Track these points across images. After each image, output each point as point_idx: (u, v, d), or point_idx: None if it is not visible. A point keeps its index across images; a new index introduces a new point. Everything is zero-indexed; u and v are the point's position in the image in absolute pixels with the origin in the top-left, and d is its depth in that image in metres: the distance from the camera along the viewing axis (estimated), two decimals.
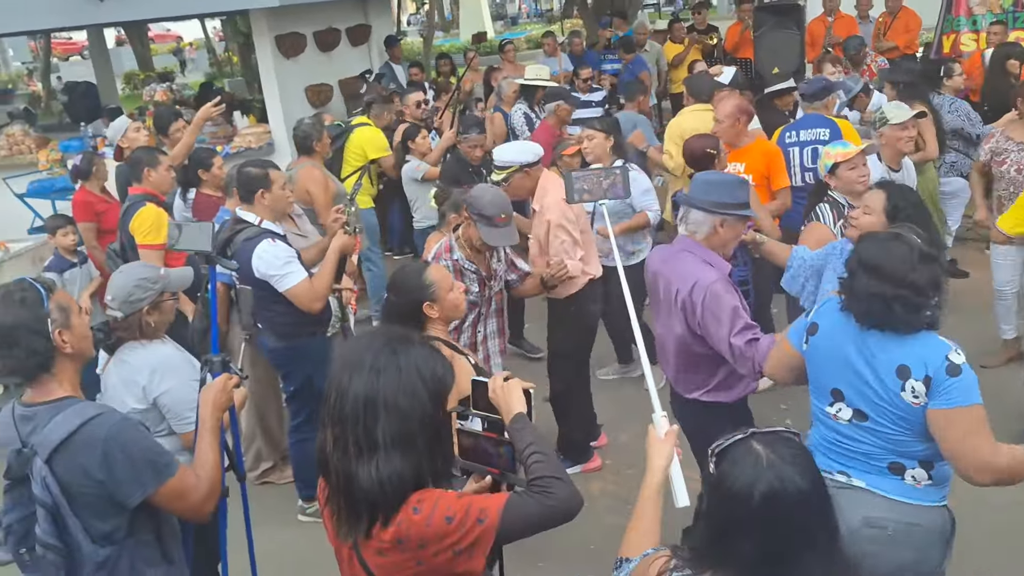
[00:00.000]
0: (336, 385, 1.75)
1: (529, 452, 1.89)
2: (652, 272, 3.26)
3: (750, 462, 1.58)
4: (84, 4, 7.43)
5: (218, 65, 24.74)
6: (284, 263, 3.74)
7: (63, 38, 31.08)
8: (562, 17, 27.90)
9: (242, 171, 3.97)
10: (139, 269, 3.10)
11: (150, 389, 2.88)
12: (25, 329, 2.12)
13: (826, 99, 5.35)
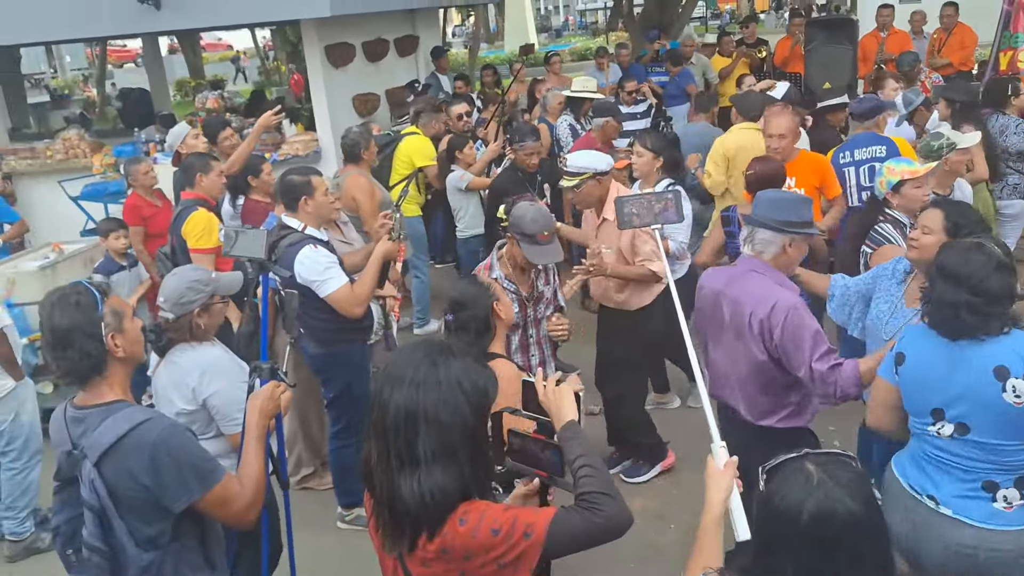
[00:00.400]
0: (378, 398, 1.75)
1: (579, 464, 1.85)
2: (711, 293, 3.14)
3: (800, 481, 1.56)
4: (141, 12, 7.59)
5: (267, 73, 25.24)
6: (325, 268, 3.76)
7: (118, 46, 31.97)
8: (607, 30, 27.93)
9: (285, 179, 4.00)
10: (191, 272, 3.13)
11: (200, 390, 2.91)
12: (79, 332, 2.16)
13: (877, 118, 5.23)
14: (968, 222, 3.01)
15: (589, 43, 28.39)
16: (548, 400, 2.01)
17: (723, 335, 3.09)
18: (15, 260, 5.85)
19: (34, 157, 8.82)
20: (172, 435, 2.17)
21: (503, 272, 3.63)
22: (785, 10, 34.18)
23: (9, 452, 4.20)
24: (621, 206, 3.33)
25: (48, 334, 2.18)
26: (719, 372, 3.16)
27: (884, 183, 3.74)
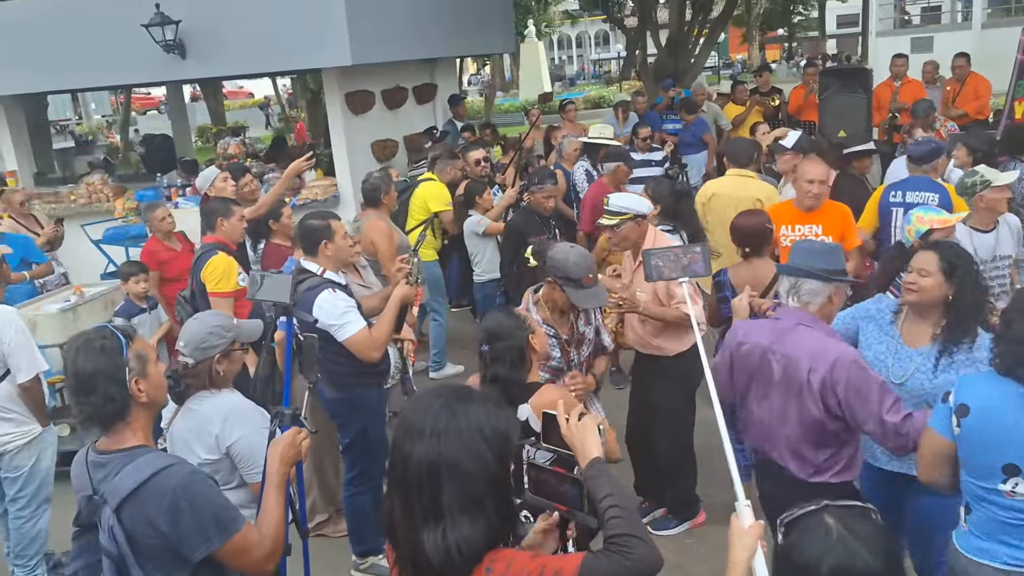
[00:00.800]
0: (398, 452, 1.70)
1: (607, 505, 1.80)
2: (756, 349, 2.99)
3: (820, 534, 1.53)
4: (167, 61, 7.80)
5: (287, 120, 25.68)
6: (343, 312, 3.75)
7: (142, 93, 32.70)
8: (620, 79, 28.33)
9: (304, 223, 4.00)
10: (213, 317, 3.11)
11: (223, 437, 2.84)
12: (103, 377, 2.15)
13: (935, 161, 5.09)
14: (962, 262, 3.02)
15: (603, 91, 28.78)
16: (572, 435, 1.97)
17: (770, 392, 2.95)
18: (37, 302, 5.91)
19: (58, 201, 8.98)
20: (193, 482, 2.15)
21: (541, 316, 3.59)
22: (797, 60, 34.61)
23: (19, 499, 4.09)
24: (648, 258, 3.32)
25: (72, 378, 2.18)
26: (764, 429, 3.03)
27: (913, 231, 3.70)
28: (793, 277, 2.94)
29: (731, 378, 3.13)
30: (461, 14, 9.86)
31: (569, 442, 1.99)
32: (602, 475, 1.88)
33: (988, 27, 17.79)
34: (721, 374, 3.14)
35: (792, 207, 4.84)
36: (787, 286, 2.97)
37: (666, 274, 3.27)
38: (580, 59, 53.00)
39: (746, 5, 27.33)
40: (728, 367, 3.13)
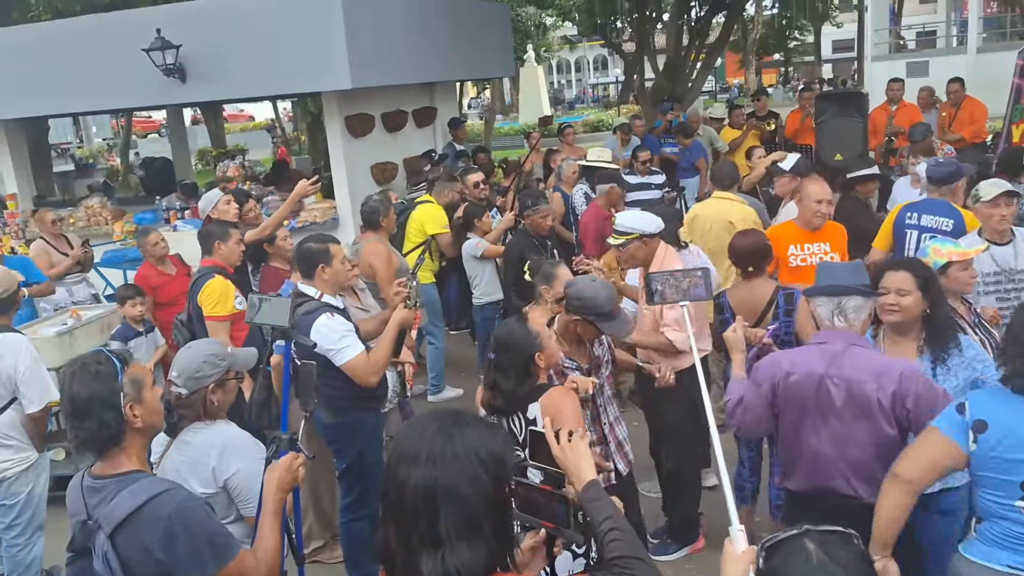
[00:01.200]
0: (393, 479, 1.66)
1: (608, 528, 1.78)
2: (810, 377, 2.84)
3: (800, 559, 1.53)
4: (168, 85, 7.84)
5: (286, 143, 25.81)
6: (341, 337, 3.72)
7: (143, 116, 32.88)
8: (619, 103, 28.50)
9: (302, 247, 3.97)
10: (207, 346, 3.02)
11: (220, 470, 2.74)
12: (98, 402, 2.14)
13: (955, 184, 4.99)
14: (932, 276, 3.07)
15: (601, 115, 28.95)
16: (565, 457, 1.95)
17: (830, 419, 2.82)
18: (34, 326, 5.89)
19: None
20: (188, 508, 2.13)
21: (561, 351, 3.49)
22: (793, 84, 34.87)
23: (15, 527, 4.06)
24: (650, 283, 3.31)
25: (67, 403, 2.16)
26: (823, 459, 2.86)
27: (930, 264, 3.59)
28: (836, 297, 2.86)
29: (771, 412, 2.98)
30: (461, 38, 9.94)
31: (561, 463, 1.97)
32: (600, 498, 1.86)
33: (983, 51, 17.95)
34: (757, 409, 2.99)
35: (796, 227, 4.84)
36: (830, 307, 2.88)
37: (668, 297, 3.25)
38: (579, 83, 53.41)
39: (742, 31, 27.57)
40: (768, 401, 2.96)
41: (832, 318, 2.88)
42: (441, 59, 9.50)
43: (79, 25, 8.62)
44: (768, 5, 31.22)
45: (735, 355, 3.21)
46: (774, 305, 4.10)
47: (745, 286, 4.21)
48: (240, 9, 8.16)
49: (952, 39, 23.03)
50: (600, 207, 6.46)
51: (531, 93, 28.33)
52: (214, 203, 5.89)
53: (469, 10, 11.05)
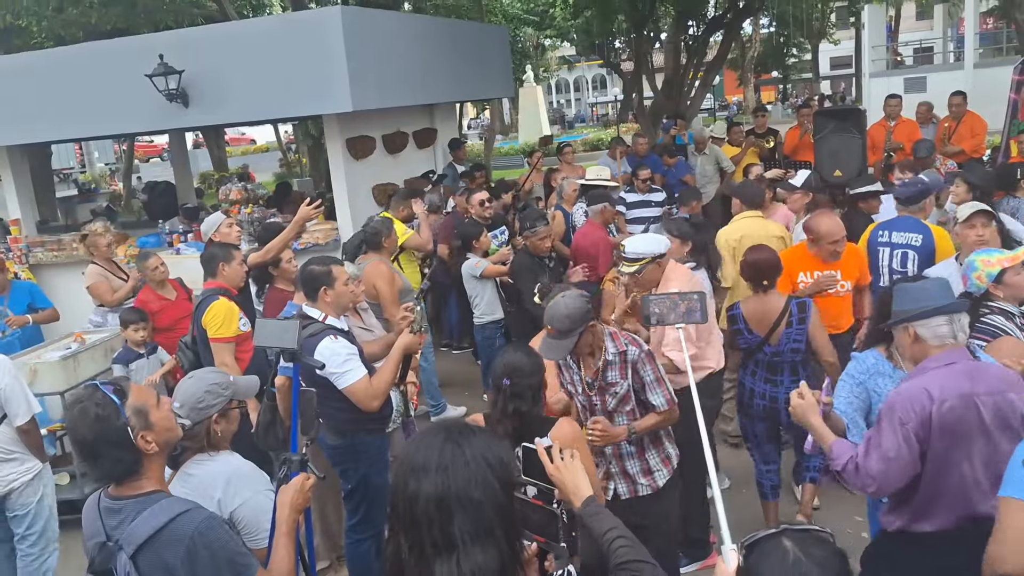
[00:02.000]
0: (402, 492, 1.69)
1: (613, 537, 1.82)
2: (961, 400, 2.60)
3: (777, 558, 1.57)
4: (171, 110, 7.90)
5: (287, 165, 25.94)
6: (344, 360, 3.71)
7: (145, 141, 33.09)
8: (618, 121, 28.65)
9: (305, 268, 3.99)
10: (210, 375, 2.97)
11: (226, 502, 2.69)
12: (106, 444, 2.14)
13: (922, 202, 5.11)
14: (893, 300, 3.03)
15: (600, 134, 29.09)
16: (560, 476, 1.98)
17: (978, 440, 2.62)
18: (38, 350, 5.91)
19: (61, 249, 9.03)
20: (210, 528, 2.14)
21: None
22: (792, 101, 35.04)
23: (29, 536, 4.16)
24: (647, 304, 3.31)
25: (76, 446, 2.17)
26: (971, 486, 2.63)
27: (983, 276, 3.52)
28: (952, 314, 2.71)
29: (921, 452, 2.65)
30: (461, 60, 10.02)
31: (557, 481, 2.00)
32: (600, 512, 1.90)
33: (980, 67, 18.06)
34: (904, 457, 2.63)
35: (807, 252, 4.86)
36: (950, 326, 2.70)
37: (665, 320, 3.25)
38: (578, 102, 53.71)
39: (740, 48, 27.78)
40: (921, 440, 2.63)
41: (955, 336, 2.71)
42: (441, 80, 9.58)
43: (81, 51, 8.70)
44: (765, 24, 31.51)
45: (812, 419, 2.88)
46: (787, 315, 4.15)
47: (758, 299, 4.28)
48: (241, 34, 8.25)
49: (949, 55, 23.20)
50: (596, 226, 6.50)
51: (530, 113, 28.50)
52: (216, 226, 5.90)
53: (469, 32, 11.17)
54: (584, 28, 18.93)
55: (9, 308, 6.24)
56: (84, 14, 12.75)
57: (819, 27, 29.83)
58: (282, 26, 8.40)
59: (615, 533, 1.82)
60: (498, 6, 19.56)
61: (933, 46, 26.92)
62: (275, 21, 10.59)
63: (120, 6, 13.03)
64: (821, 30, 30.22)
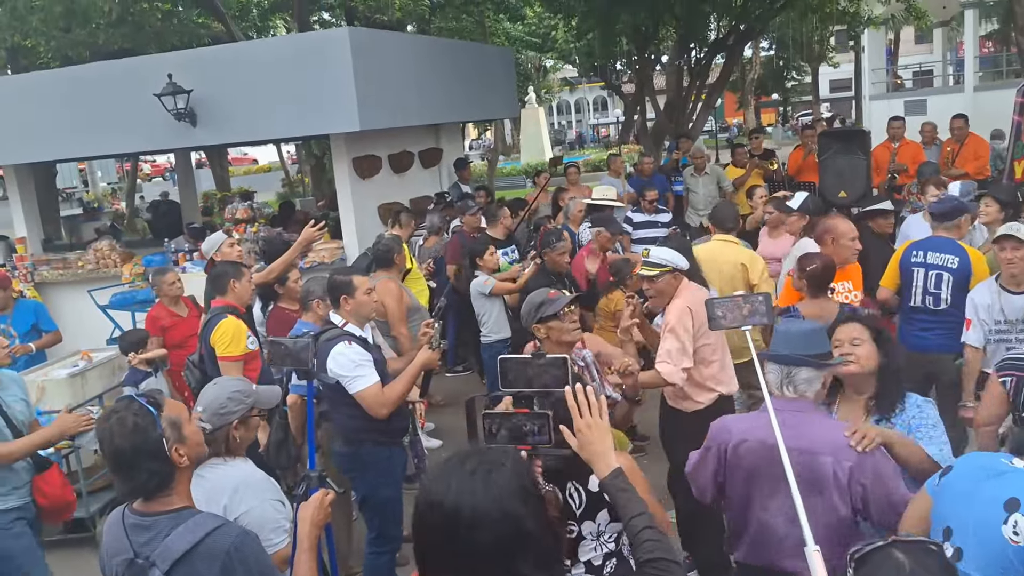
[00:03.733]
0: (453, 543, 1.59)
1: (639, 526, 1.79)
2: (760, 445, 2.66)
3: (891, 570, 1.54)
4: (178, 129, 7.94)
5: (290, 185, 26.04)
6: (356, 365, 3.78)
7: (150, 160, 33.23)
8: (619, 143, 28.80)
9: (331, 278, 4.20)
10: (232, 382, 3.02)
11: (231, 508, 2.70)
12: (143, 454, 2.13)
13: (958, 220, 4.91)
14: (884, 328, 3.00)
15: (602, 155, 29.21)
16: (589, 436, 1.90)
17: (778, 492, 2.63)
18: (45, 368, 5.89)
19: (66, 267, 9.04)
20: (244, 543, 2.14)
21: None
22: (792, 123, 35.25)
23: None
24: (711, 307, 3.29)
25: (111, 459, 2.16)
26: (770, 534, 2.69)
27: None
28: (786, 366, 2.72)
29: (715, 478, 2.82)
30: (466, 81, 10.10)
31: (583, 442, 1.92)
32: (628, 489, 1.85)
33: (980, 89, 18.16)
34: (703, 474, 2.84)
35: (791, 289, 4.80)
36: (779, 376, 2.73)
37: (728, 323, 3.23)
38: (579, 123, 54.04)
39: (740, 71, 27.97)
40: (715, 467, 2.81)
41: (781, 387, 2.73)
42: (447, 101, 9.65)
43: (89, 71, 8.79)
44: (765, 47, 31.75)
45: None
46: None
47: (816, 303, 4.24)
48: (250, 54, 8.32)
49: (949, 78, 23.35)
50: (594, 250, 6.50)
51: (532, 134, 28.63)
52: (218, 245, 5.90)
53: (474, 53, 11.25)
54: (586, 50, 19.07)
55: (12, 327, 6.20)
56: (92, 34, 12.87)
57: (819, 50, 30.05)
58: (291, 47, 8.47)
59: (642, 522, 1.77)
60: (501, 29, 19.73)
61: (933, 69, 27.11)
62: (284, 42, 10.70)
63: (128, 26, 13.15)
64: (821, 53, 30.43)
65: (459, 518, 1.57)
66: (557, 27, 20.80)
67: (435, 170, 10.32)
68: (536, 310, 3.49)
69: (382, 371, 3.89)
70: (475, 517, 1.56)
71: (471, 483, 1.60)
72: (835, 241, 4.76)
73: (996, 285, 4.18)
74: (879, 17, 19.93)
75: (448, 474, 1.64)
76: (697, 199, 9.78)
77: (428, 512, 1.62)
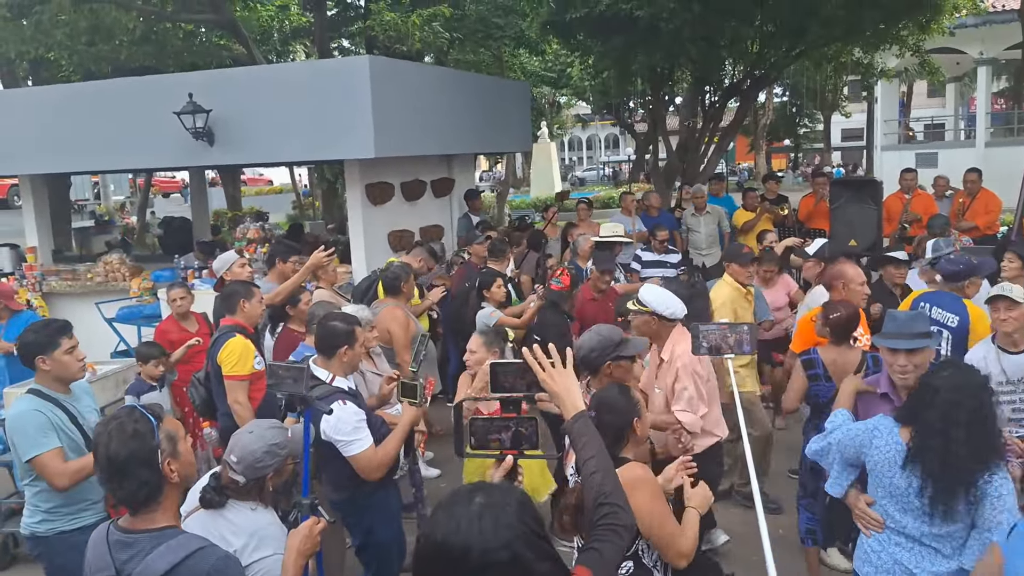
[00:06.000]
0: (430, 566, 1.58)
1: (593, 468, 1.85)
2: None
3: None
4: (195, 147, 8.01)
5: (301, 208, 26.18)
6: (352, 429, 3.60)
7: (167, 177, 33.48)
8: (629, 181, 28.94)
9: (327, 323, 3.89)
10: (268, 432, 2.85)
11: (243, 553, 2.60)
12: (137, 461, 2.13)
13: (964, 282, 4.90)
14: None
15: (612, 192, 29.36)
16: (553, 383, 1.97)
17: None
18: None
19: (75, 279, 9.07)
20: (227, 566, 2.12)
21: None
22: (803, 169, 35.41)
23: None
24: (696, 333, 3.32)
25: (105, 463, 2.15)
26: None
27: None
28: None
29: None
30: (481, 113, 10.18)
31: (550, 389, 1.99)
32: (587, 433, 1.89)
33: (992, 145, 18.27)
34: None
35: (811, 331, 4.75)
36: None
37: (716, 350, 3.26)
38: (591, 160, 54.39)
39: (753, 116, 28.19)
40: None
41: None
42: (461, 132, 9.72)
43: (110, 87, 8.88)
44: (779, 93, 32.01)
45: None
46: (864, 367, 4.12)
47: (838, 349, 4.28)
48: (270, 77, 8.41)
49: (960, 132, 23.49)
50: (591, 290, 6.49)
51: (543, 168, 28.81)
52: (229, 264, 5.92)
53: (491, 86, 11.36)
54: (600, 88, 19.24)
55: (5, 339, 6.15)
56: (115, 50, 13.02)
57: (832, 99, 30.30)
58: (310, 72, 8.57)
59: (596, 464, 1.81)
60: (517, 63, 19.93)
61: (945, 123, 27.31)
62: (304, 67, 10.82)
63: (151, 45, 13.32)
64: (834, 102, 30.68)
65: (467, 560, 1.54)
66: (573, 64, 21.00)
67: (446, 200, 10.37)
68: (615, 347, 3.46)
69: (371, 422, 3.74)
70: (484, 560, 1.54)
71: (479, 524, 1.57)
72: (845, 286, 4.77)
73: (994, 346, 4.14)
74: (892, 70, 20.11)
75: (455, 514, 1.60)
76: (699, 239, 9.79)
77: (434, 553, 1.59)
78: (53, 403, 3.61)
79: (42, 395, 3.62)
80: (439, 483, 6.09)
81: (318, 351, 3.89)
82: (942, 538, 2.82)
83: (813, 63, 16.40)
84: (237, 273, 5.80)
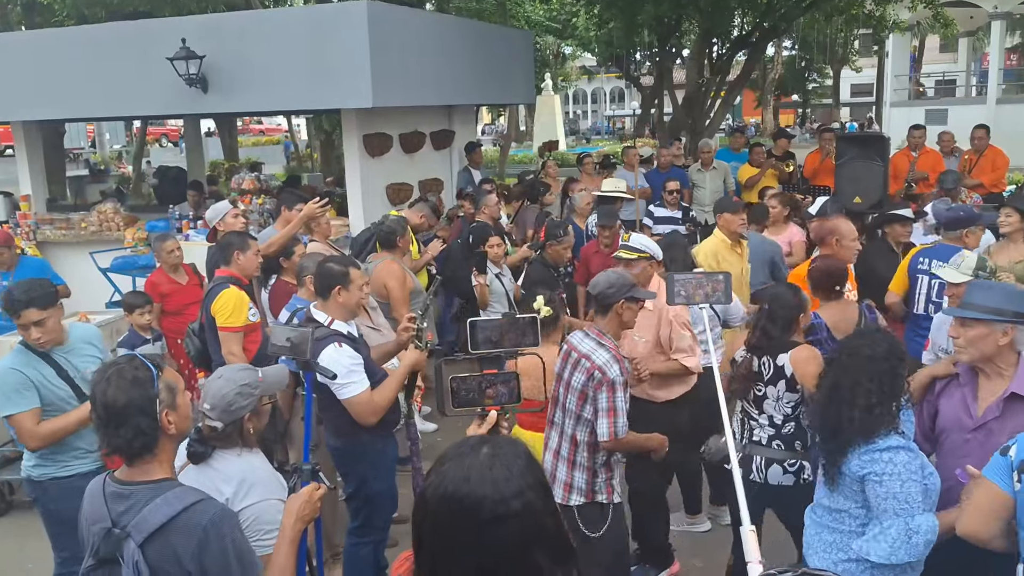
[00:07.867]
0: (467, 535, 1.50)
1: None
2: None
3: None
4: (190, 95, 7.84)
5: (299, 159, 25.95)
6: (347, 371, 3.55)
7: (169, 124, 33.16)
8: (634, 135, 28.64)
9: (323, 265, 3.85)
10: (237, 374, 2.77)
11: (235, 501, 2.56)
12: (134, 409, 2.09)
13: (963, 231, 4.89)
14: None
15: (616, 147, 29.11)
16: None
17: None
18: None
19: (69, 228, 8.98)
20: (224, 519, 2.09)
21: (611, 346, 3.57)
22: (810, 125, 35.00)
23: None
24: (672, 283, 3.26)
25: (101, 410, 2.10)
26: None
27: None
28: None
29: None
30: (483, 63, 9.95)
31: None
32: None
33: (1003, 102, 17.96)
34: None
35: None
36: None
37: (691, 299, 3.23)
38: (595, 114, 53.79)
39: (761, 70, 27.76)
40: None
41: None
42: (462, 82, 9.51)
43: (103, 31, 8.69)
44: (788, 47, 31.48)
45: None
46: (863, 318, 4.11)
47: (835, 306, 4.19)
48: (266, 22, 8.21)
49: (971, 88, 23.13)
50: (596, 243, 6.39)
51: (547, 122, 28.49)
52: (221, 215, 5.82)
53: (493, 35, 11.10)
54: (606, 39, 18.90)
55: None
56: None
57: (842, 54, 29.81)
58: (307, 17, 8.36)
59: None
60: (521, 12, 19.52)
61: (956, 79, 26.86)
62: (300, 12, 10.58)
63: None
64: (844, 57, 30.22)
65: (480, 511, 1.48)
66: (579, 14, 20.58)
67: (446, 152, 10.20)
68: (630, 288, 3.61)
69: (370, 369, 3.69)
70: (496, 511, 1.48)
71: (491, 475, 1.51)
72: (838, 242, 4.73)
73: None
74: (905, 23, 19.71)
75: (464, 465, 1.54)
76: (703, 195, 9.55)
77: (442, 505, 1.52)
78: (40, 357, 3.56)
79: (30, 348, 3.58)
80: (435, 437, 6.08)
81: (316, 293, 3.89)
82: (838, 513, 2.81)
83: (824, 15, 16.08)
84: (230, 223, 5.71)
